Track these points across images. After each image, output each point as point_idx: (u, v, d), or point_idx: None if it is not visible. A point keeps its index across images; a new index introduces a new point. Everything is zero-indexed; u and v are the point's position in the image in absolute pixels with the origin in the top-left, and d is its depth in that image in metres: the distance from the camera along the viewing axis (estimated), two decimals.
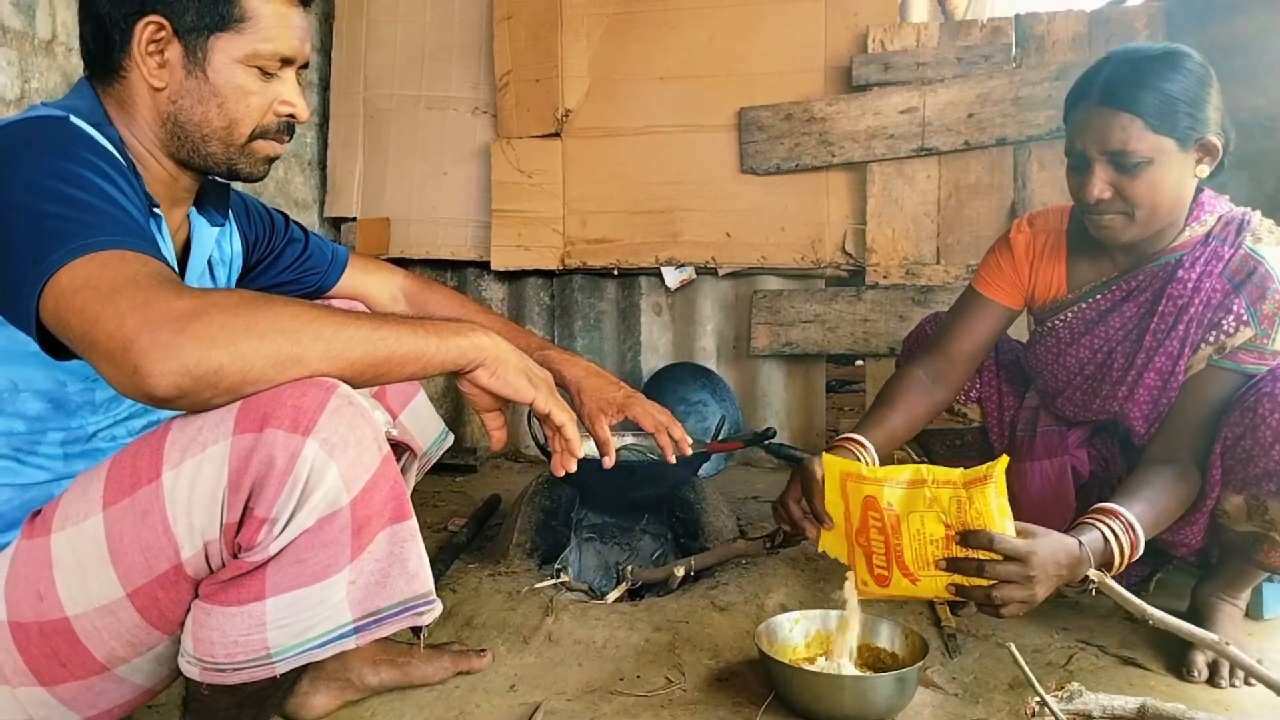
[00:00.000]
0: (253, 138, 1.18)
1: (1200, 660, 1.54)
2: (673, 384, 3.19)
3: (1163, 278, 1.61)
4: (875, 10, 3.10)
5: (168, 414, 1.07)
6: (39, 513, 1.03)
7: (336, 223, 3.48)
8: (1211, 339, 1.56)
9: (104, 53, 1.13)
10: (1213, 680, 1.52)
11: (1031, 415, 1.89)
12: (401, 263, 3.41)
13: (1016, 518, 1.37)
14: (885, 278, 3.09)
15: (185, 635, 1.02)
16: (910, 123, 3.01)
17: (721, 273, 3.23)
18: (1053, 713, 1.10)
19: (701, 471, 2.30)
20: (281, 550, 0.97)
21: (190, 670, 1.01)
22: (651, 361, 3.33)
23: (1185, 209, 1.58)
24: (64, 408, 1.09)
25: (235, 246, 1.38)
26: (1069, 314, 1.75)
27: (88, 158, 1.00)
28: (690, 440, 1.59)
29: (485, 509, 2.47)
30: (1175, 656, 1.61)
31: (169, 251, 1.17)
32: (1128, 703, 1.14)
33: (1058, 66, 2.90)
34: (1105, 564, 1.37)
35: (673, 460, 1.57)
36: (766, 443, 2.68)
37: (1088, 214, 1.58)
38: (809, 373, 3.25)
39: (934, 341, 1.84)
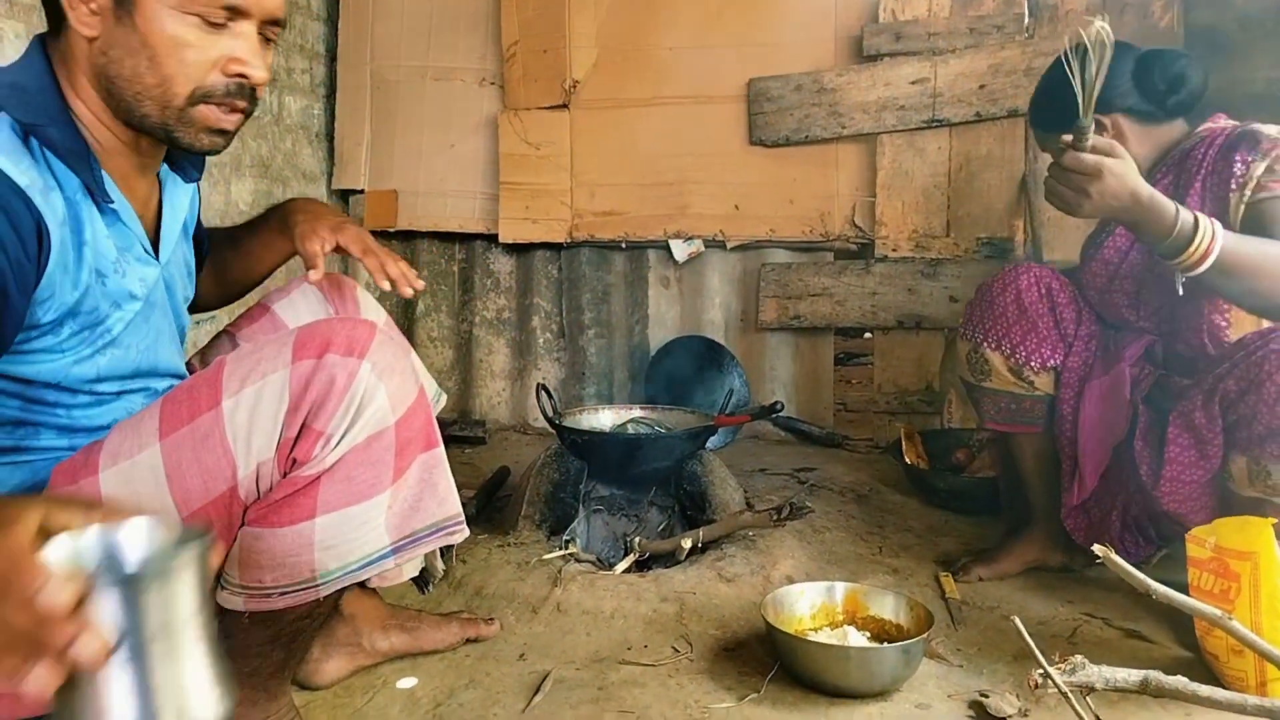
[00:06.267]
0: (194, 101, 1.03)
1: None
2: (680, 357, 3.20)
3: (1177, 162, 1.74)
4: None
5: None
6: (69, 462, 1.06)
7: (345, 195, 3.48)
8: (1233, 188, 1.62)
9: (54, 8, 1.03)
10: None
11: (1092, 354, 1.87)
12: (409, 235, 3.42)
13: (1081, 434, 1.78)
14: (894, 250, 3.07)
15: (230, 564, 1.06)
16: (921, 94, 2.98)
17: (730, 246, 3.22)
18: (1056, 685, 1.10)
19: (709, 444, 2.31)
20: (334, 465, 1.03)
21: (234, 601, 1.06)
22: (659, 334, 3.33)
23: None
24: (32, 423, 1.08)
25: (196, 205, 1.32)
26: (1108, 225, 1.85)
27: None
28: (418, 278, 1.34)
29: (494, 481, 2.48)
30: (1179, 630, 1.62)
31: (136, 232, 1.12)
32: (1131, 675, 1.15)
33: (1070, 37, 2.86)
34: (1170, 232, 1.46)
35: (408, 293, 1.31)
36: (774, 416, 2.69)
37: None
38: (817, 346, 3.25)
39: None
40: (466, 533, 1.16)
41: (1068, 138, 1.49)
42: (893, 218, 3.07)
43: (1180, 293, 1.60)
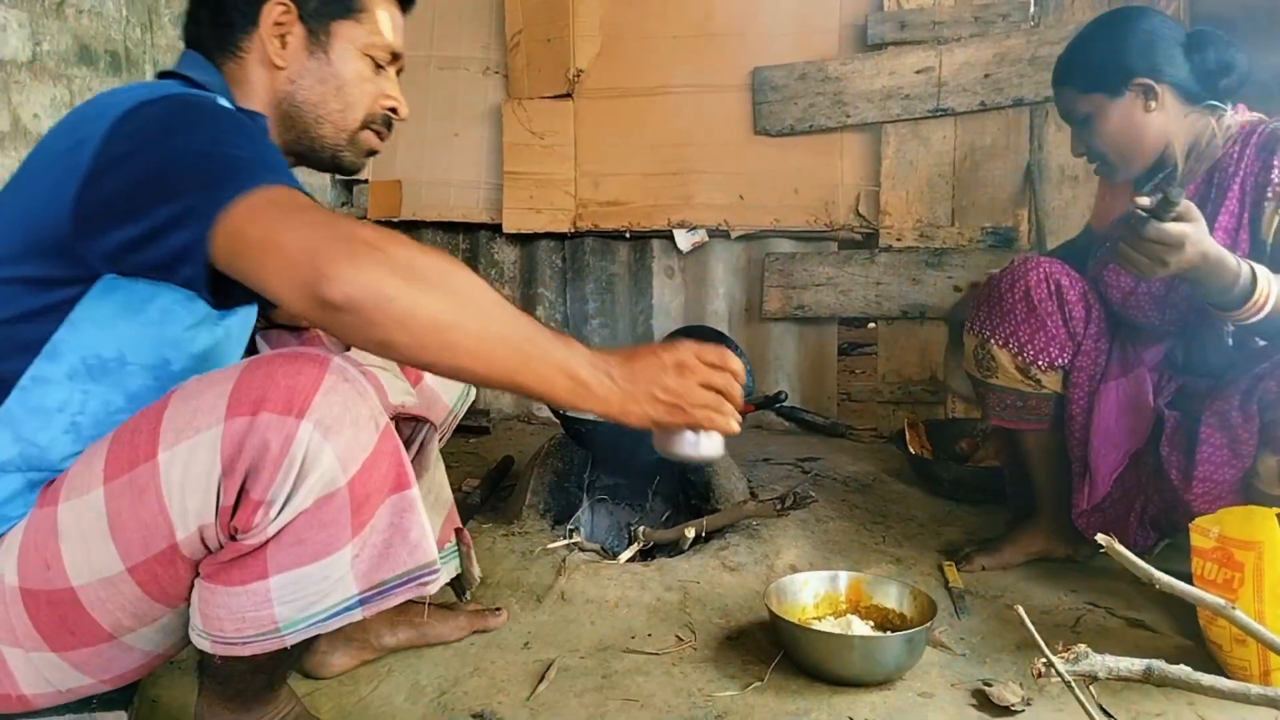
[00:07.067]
0: (363, 126, 1.23)
1: None
2: None
3: (1209, 157, 1.71)
4: None
5: None
6: (52, 483, 1.03)
7: (349, 185, 3.47)
8: (1269, 196, 1.61)
9: (222, 33, 1.17)
10: None
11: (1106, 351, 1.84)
12: (413, 225, 3.42)
13: (1094, 439, 1.75)
14: (899, 240, 3.07)
15: (193, 610, 1.02)
16: (926, 83, 2.97)
17: (734, 235, 3.21)
18: (1059, 674, 1.11)
19: None
20: (280, 531, 0.97)
21: (201, 643, 1.02)
22: (663, 324, 3.33)
23: (1162, 139, 1.73)
24: (164, 390, 1.06)
25: None
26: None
27: (253, 130, 1.03)
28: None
29: (498, 470, 2.49)
30: (1182, 619, 1.62)
31: None
32: (1134, 664, 1.15)
33: (1076, 26, 2.82)
34: (1232, 286, 1.44)
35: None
36: (778, 405, 2.69)
37: (1094, 170, 1.87)
38: (821, 336, 3.25)
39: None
40: (442, 582, 1.08)
41: (1144, 201, 1.41)
42: (897, 207, 3.06)
43: (1230, 342, 1.61)
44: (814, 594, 1.62)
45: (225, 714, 1.12)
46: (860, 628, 1.52)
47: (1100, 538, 1.20)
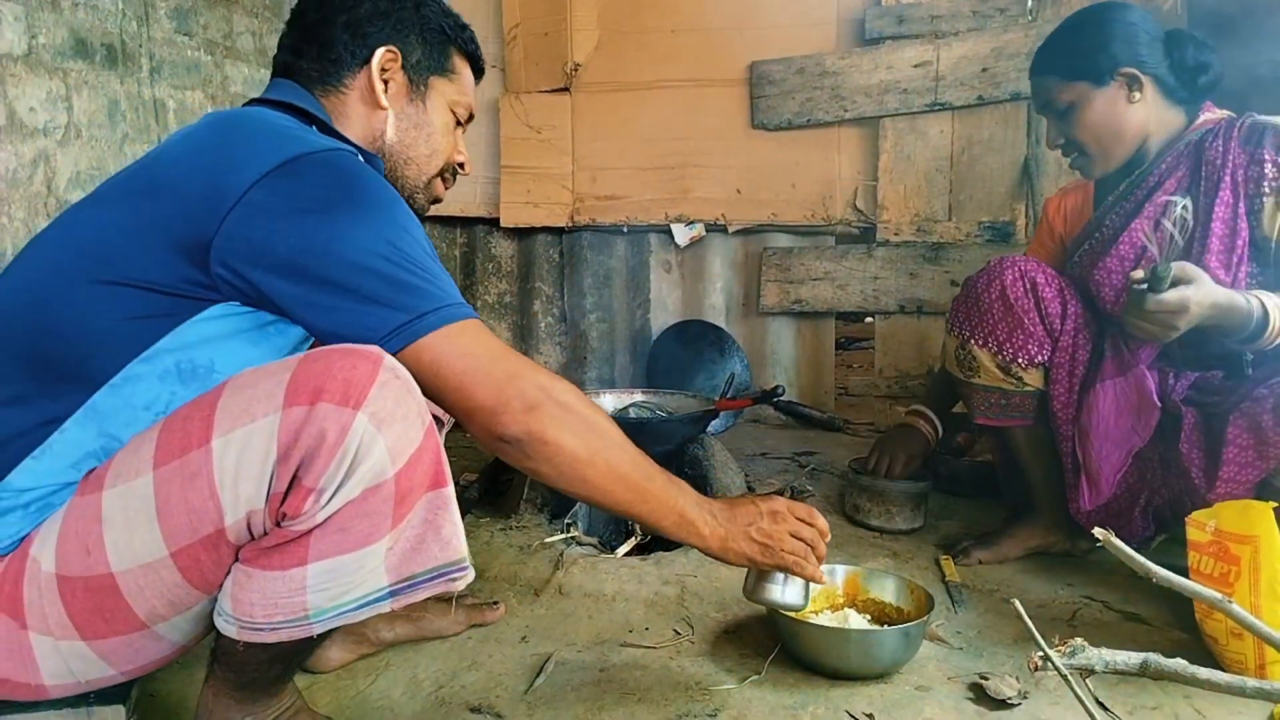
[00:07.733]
0: (439, 173, 1.35)
1: None
2: (682, 342, 3.20)
3: (1191, 154, 1.71)
4: None
5: None
6: (94, 470, 1.04)
7: None
8: (1267, 191, 1.62)
9: (327, 68, 1.26)
10: None
11: (1097, 347, 1.84)
12: None
13: (1093, 439, 1.75)
14: (896, 235, 3.07)
15: (223, 595, 1.04)
16: (924, 77, 2.97)
17: (731, 230, 3.21)
18: (1055, 667, 1.11)
19: (710, 428, 2.31)
20: (326, 519, 0.99)
21: (228, 629, 1.03)
22: (661, 319, 3.33)
23: (1141, 132, 1.74)
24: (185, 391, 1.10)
25: None
26: (1110, 218, 1.81)
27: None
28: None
29: (496, 464, 2.49)
30: (1179, 613, 1.63)
31: None
32: (1130, 658, 1.15)
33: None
34: (1248, 323, 1.48)
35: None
36: (775, 400, 2.69)
37: (1069, 163, 1.85)
38: (818, 330, 3.25)
39: None
40: (470, 578, 1.11)
41: (1138, 274, 1.45)
42: (894, 201, 3.06)
43: (1250, 371, 1.62)
44: (811, 588, 1.62)
45: (232, 704, 1.12)
46: (857, 621, 1.52)
47: (1098, 532, 1.20)
